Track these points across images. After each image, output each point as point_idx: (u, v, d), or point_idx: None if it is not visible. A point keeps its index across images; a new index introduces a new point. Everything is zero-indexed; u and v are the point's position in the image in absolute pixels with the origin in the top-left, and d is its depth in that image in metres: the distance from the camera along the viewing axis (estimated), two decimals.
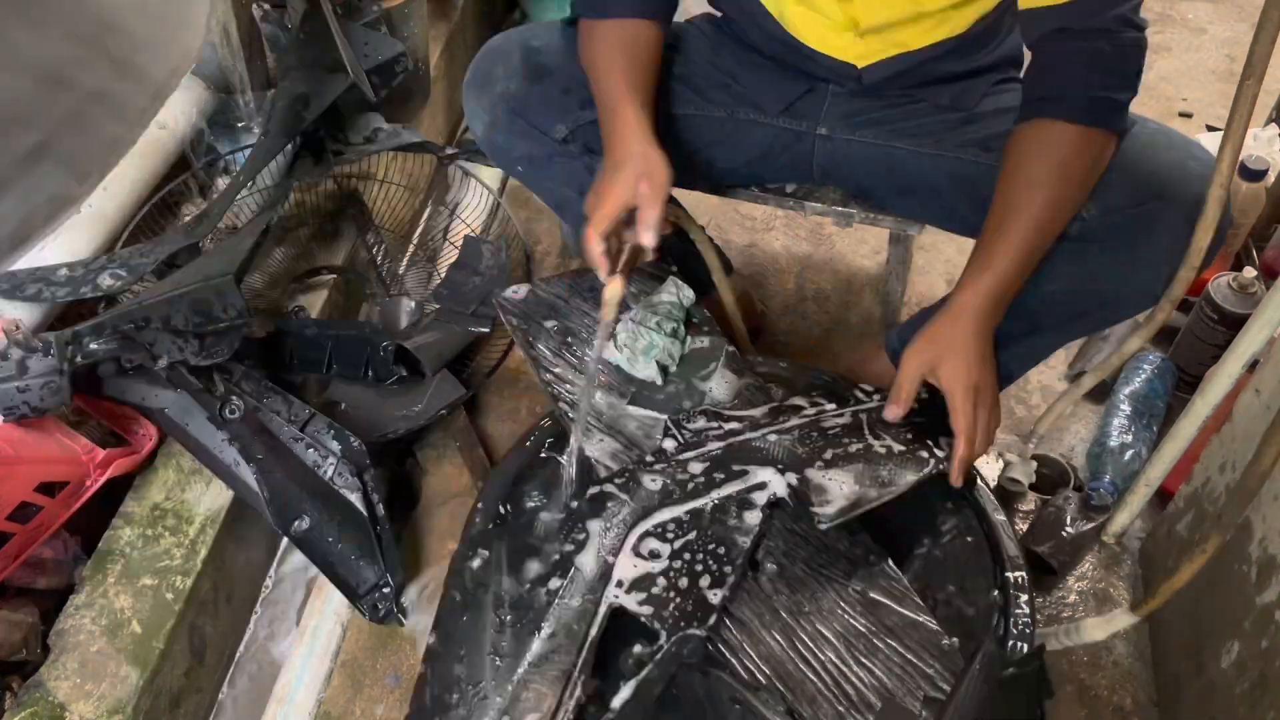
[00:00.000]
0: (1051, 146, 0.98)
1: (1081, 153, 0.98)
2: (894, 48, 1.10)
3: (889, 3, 1.06)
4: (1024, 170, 0.99)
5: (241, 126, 1.54)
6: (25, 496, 1.01)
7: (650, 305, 1.14)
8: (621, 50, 1.12)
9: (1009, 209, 0.99)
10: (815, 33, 1.12)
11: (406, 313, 1.50)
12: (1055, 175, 0.98)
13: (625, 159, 1.03)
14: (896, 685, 0.84)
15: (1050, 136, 0.98)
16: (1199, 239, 0.94)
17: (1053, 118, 0.97)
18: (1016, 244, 0.98)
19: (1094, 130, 0.97)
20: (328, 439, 1.20)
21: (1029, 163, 0.99)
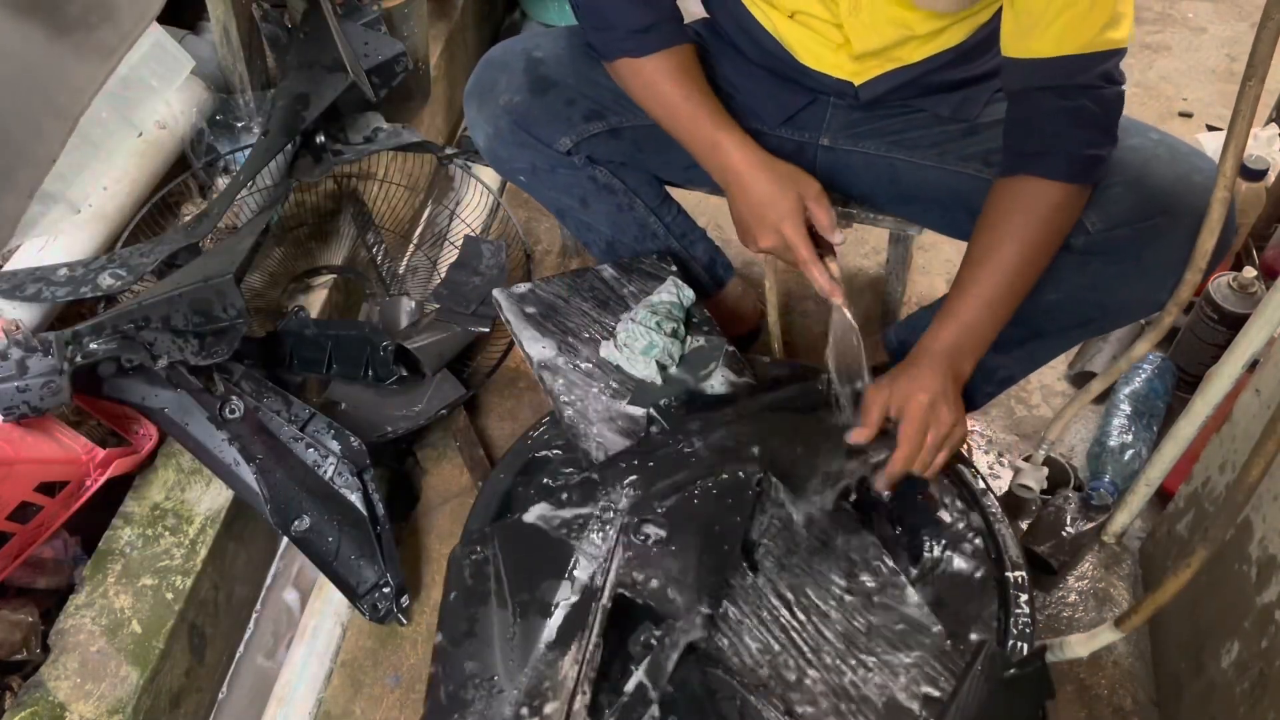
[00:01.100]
0: (1031, 202, 0.98)
1: (1061, 208, 0.98)
2: (890, 63, 1.10)
3: (880, 30, 1.06)
4: (1003, 224, 0.99)
5: (241, 126, 1.54)
6: (25, 496, 1.01)
7: (650, 305, 1.14)
8: (687, 78, 1.12)
9: (984, 260, 0.99)
10: (811, 51, 1.12)
11: (406, 313, 1.50)
12: (1033, 230, 0.98)
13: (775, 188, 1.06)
14: (896, 685, 0.84)
15: (1031, 192, 0.98)
16: (1203, 242, 0.94)
17: (1035, 175, 0.97)
18: (987, 296, 0.99)
19: (1074, 186, 0.98)
20: (328, 439, 1.20)
21: (1008, 217, 0.99)
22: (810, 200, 1.05)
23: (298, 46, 1.49)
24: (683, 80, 1.11)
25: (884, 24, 1.04)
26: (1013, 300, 1.01)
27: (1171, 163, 1.01)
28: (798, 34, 1.10)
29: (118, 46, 1.07)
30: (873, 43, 1.07)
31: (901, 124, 1.17)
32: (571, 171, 1.23)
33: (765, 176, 1.07)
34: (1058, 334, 1.15)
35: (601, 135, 1.21)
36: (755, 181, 1.07)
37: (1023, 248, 0.98)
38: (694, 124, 1.11)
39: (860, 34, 1.06)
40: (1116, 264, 1.03)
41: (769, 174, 1.07)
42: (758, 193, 1.07)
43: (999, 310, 1.00)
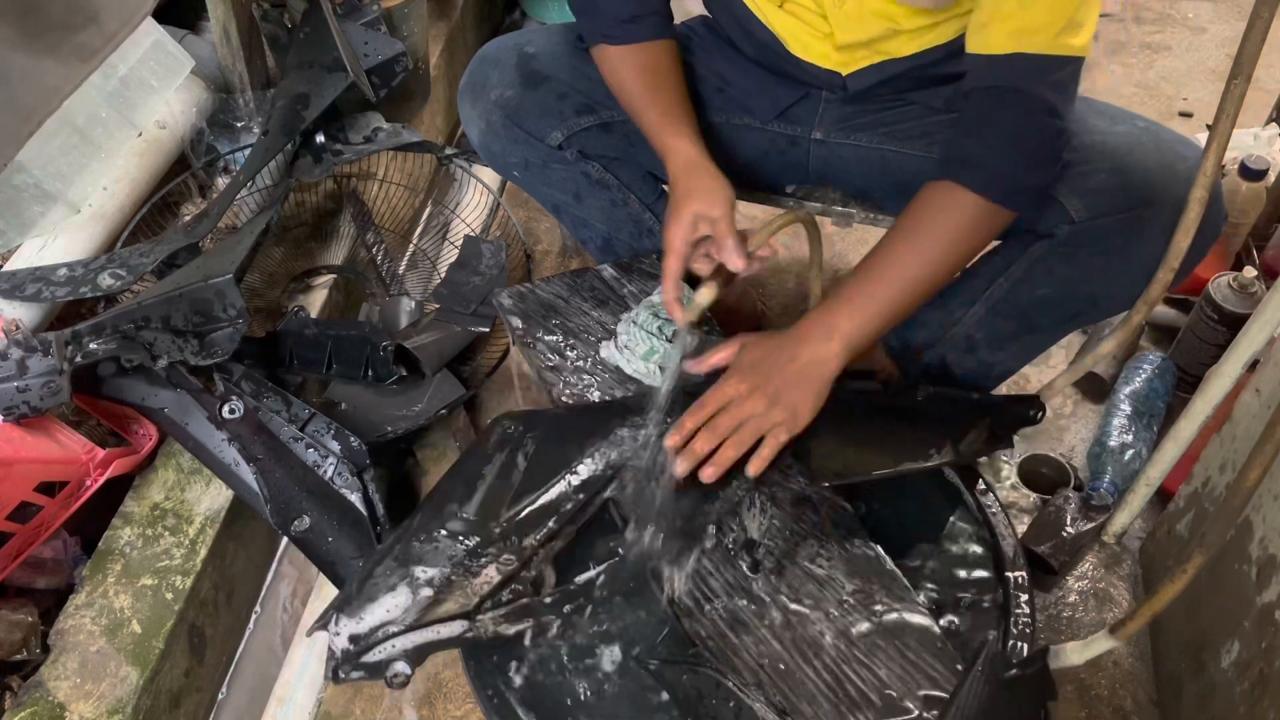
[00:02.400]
0: (953, 213, 0.96)
1: (979, 226, 0.97)
2: (878, 56, 1.10)
3: (864, 23, 1.05)
4: (920, 229, 0.97)
5: (241, 126, 1.54)
6: (25, 496, 1.01)
7: (651, 306, 1.14)
8: (644, 79, 1.12)
9: (891, 259, 0.97)
10: (799, 40, 1.12)
11: (406, 313, 1.50)
12: (946, 243, 0.96)
13: (680, 198, 1.04)
14: (896, 685, 0.84)
15: (954, 201, 0.96)
16: (1178, 242, 0.92)
17: (962, 184, 0.95)
18: (885, 296, 0.96)
19: (996, 207, 0.96)
20: (328, 439, 1.20)
21: (927, 223, 0.97)
22: (711, 218, 1.01)
23: (298, 46, 1.48)
24: (650, 76, 1.12)
25: (869, 17, 1.04)
26: (906, 307, 0.98)
27: (1155, 150, 1.01)
28: (787, 24, 1.11)
29: (101, 49, 1.07)
30: (856, 34, 1.07)
31: (894, 116, 1.17)
32: (564, 166, 1.23)
33: (682, 182, 1.05)
34: (1051, 327, 1.16)
35: (593, 129, 1.22)
36: (674, 185, 1.06)
37: (931, 259, 0.96)
38: (649, 123, 1.11)
39: (844, 25, 1.06)
40: (1103, 255, 1.03)
41: (686, 180, 1.05)
42: (672, 196, 1.06)
43: (892, 313, 0.97)
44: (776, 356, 0.95)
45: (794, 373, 0.94)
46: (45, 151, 1.27)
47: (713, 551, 0.93)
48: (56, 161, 1.28)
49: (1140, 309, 1.01)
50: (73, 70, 1.04)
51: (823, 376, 0.95)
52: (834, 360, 0.95)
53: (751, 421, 0.92)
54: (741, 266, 0.99)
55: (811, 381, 0.94)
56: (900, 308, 0.97)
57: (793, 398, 0.93)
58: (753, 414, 0.92)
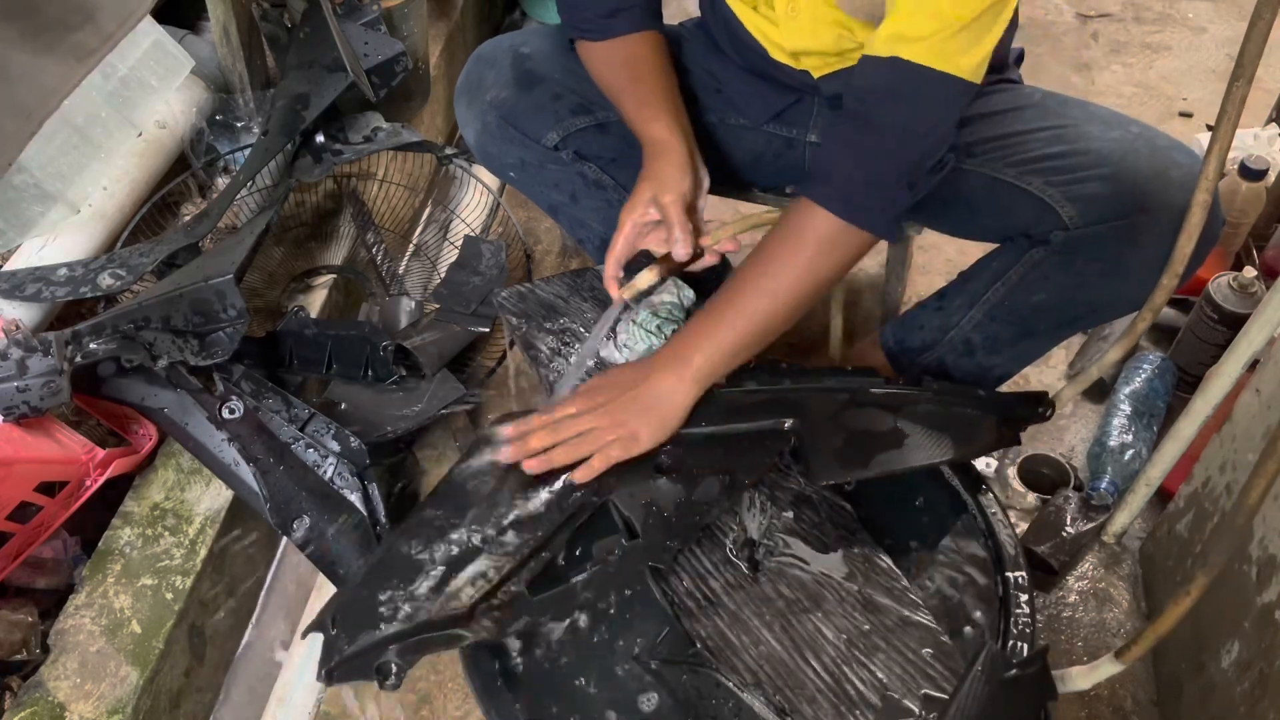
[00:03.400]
0: (807, 234, 0.95)
1: (832, 246, 0.96)
2: (846, 61, 1.09)
3: (817, 33, 1.05)
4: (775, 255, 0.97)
5: (241, 126, 1.54)
6: (25, 496, 1.01)
7: (651, 305, 1.14)
8: (624, 71, 1.12)
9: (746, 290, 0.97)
10: (773, 44, 1.12)
11: (406, 313, 1.50)
12: (801, 269, 0.95)
13: (640, 180, 1.04)
14: (896, 685, 0.84)
15: (810, 221, 0.95)
16: (1182, 246, 0.92)
17: (820, 203, 0.95)
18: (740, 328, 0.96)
19: (852, 228, 0.95)
20: (328, 439, 1.20)
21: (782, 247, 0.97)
22: (663, 203, 1.02)
23: (298, 46, 1.48)
24: (625, 69, 1.12)
25: (822, 26, 1.04)
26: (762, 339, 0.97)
27: (1150, 157, 0.99)
28: (762, 27, 1.11)
29: (98, 48, 1.07)
30: (807, 43, 1.07)
31: None
32: (560, 167, 1.23)
33: (647, 164, 1.06)
34: (1048, 332, 1.16)
35: (589, 130, 1.22)
36: (639, 177, 1.06)
37: (788, 286, 0.96)
38: (628, 112, 1.12)
39: (795, 34, 1.06)
40: (1099, 262, 1.02)
41: (651, 163, 1.06)
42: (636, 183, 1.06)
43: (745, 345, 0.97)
44: (623, 382, 0.96)
45: (636, 400, 0.94)
46: (45, 151, 1.27)
47: (713, 551, 0.93)
48: (56, 161, 1.28)
49: (1145, 315, 1.01)
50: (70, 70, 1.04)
51: (670, 407, 0.95)
52: (682, 393, 0.95)
53: (590, 435, 0.92)
54: (684, 255, 1.01)
55: (654, 411, 0.94)
56: (755, 338, 0.97)
57: (633, 423, 0.93)
58: (592, 428, 0.93)
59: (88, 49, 1.05)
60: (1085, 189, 1.00)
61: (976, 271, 1.15)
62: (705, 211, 1.10)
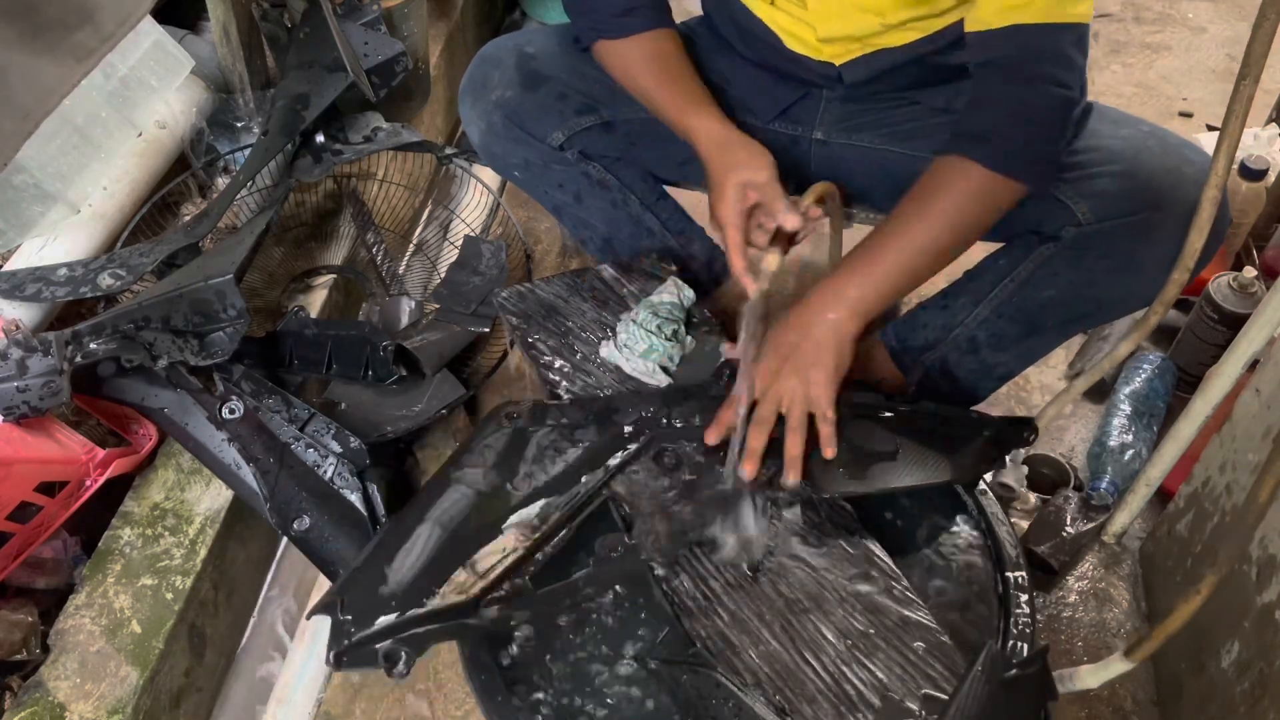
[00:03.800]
0: (960, 185, 0.96)
1: (986, 197, 0.96)
2: (870, 47, 1.10)
3: (847, 17, 1.05)
4: (927, 201, 0.98)
5: (241, 126, 1.54)
6: (25, 496, 1.01)
7: (651, 306, 1.14)
8: (658, 64, 1.12)
9: (898, 229, 0.98)
10: (793, 34, 1.12)
11: (406, 313, 1.50)
12: (954, 213, 0.96)
13: (721, 171, 1.04)
14: (896, 685, 0.84)
15: (961, 174, 0.96)
16: (1193, 241, 0.93)
17: (969, 157, 0.96)
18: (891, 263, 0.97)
19: (1004, 179, 0.95)
20: (328, 439, 1.20)
21: (935, 195, 0.97)
22: (757, 183, 1.02)
23: (298, 46, 1.48)
24: (659, 64, 1.12)
25: (852, 11, 1.04)
26: (914, 278, 0.98)
27: (1162, 155, 1.01)
28: (778, 18, 1.11)
29: (97, 48, 1.07)
30: (837, 29, 1.07)
31: (895, 116, 1.17)
32: (565, 167, 1.23)
33: (716, 157, 1.06)
34: (1055, 329, 1.16)
35: (594, 129, 1.22)
36: (708, 161, 1.06)
37: (939, 228, 0.96)
38: (666, 112, 1.11)
39: (825, 19, 1.06)
40: (1109, 259, 1.03)
41: (720, 154, 1.06)
42: (708, 175, 1.07)
43: (898, 282, 0.98)
44: (790, 335, 0.97)
45: (812, 345, 0.96)
46: (45, 151, 1.27)
47: (713, 552, 0.93)
48: (56, 161, 1.28)
49: (1157, 309, 1.02)
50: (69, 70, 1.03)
51: (841, 340, 0.97)
52: (847, 323, 0.97)
53: (796, 403, 0.94)
54: (798, 224, 1.01)
55: (830, 348, 0.96)
56: (906, 277, 0.98)
57: (818, 371, 0.95)
58: (792, 394, 0.94)
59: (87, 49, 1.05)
60: (1097, 185, 1.00)
61: (982, 269, 1.15)
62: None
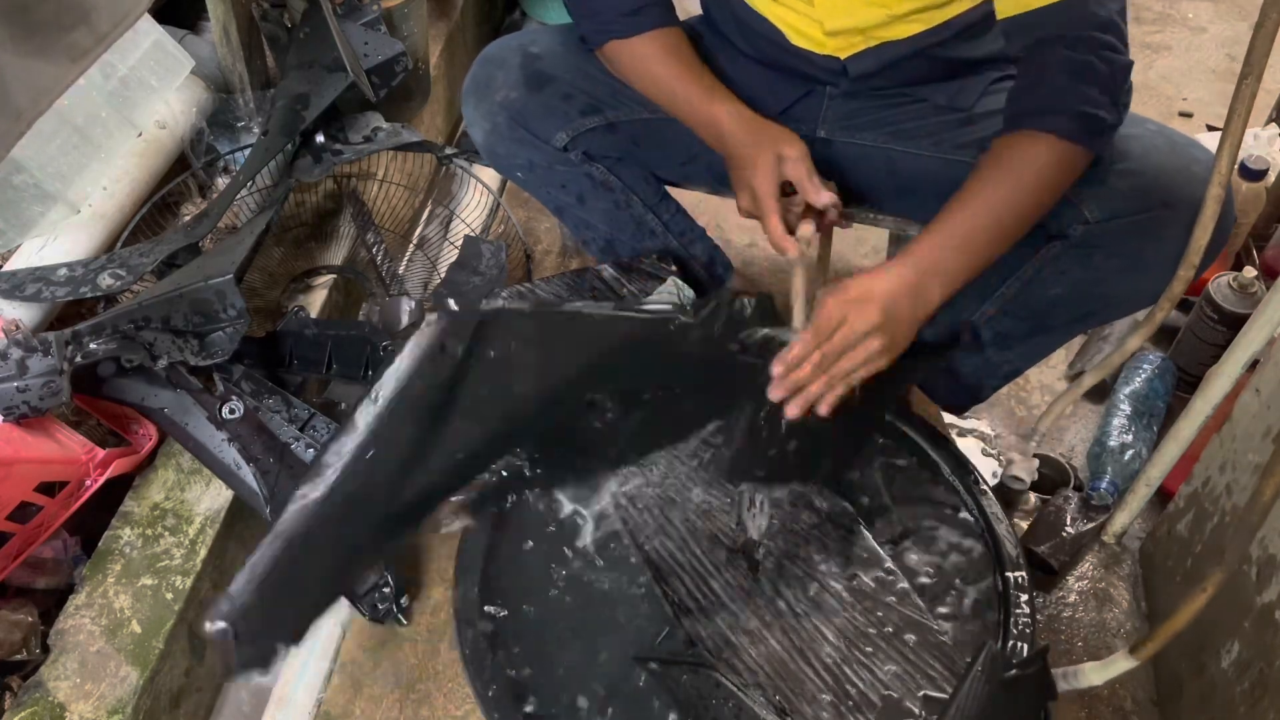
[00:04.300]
0: (1027, 155, 0.95)
1: (1057, 166, 0.95)
2: (875, 40, 1.10)
3: (852, 10, 1.05)
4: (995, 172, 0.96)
5: (241, 126, 1.54)
6: (25, 496, 1.01)
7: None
8: (675, 59, 1.13)
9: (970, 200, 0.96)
10: (796, 29, 1.12)
11: (406, 313, 1.50)
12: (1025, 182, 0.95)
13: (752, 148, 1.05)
14: (896, 685, 0.84)
15: (1028, 146, 0.95)
16: (1197, 238, 0.94)
17: (1037, 129, 0.94)
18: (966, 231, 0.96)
19: (1076, 147, 0.95)
20: (328, 439, 1.20)
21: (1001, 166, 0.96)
22: (790, 159, 1.04)
23: (298, 46, 1.48)
24: (672, 59, 1.12)
25: (859, 5, 1.04)
26: (992, 246, 0.96)
27: (1170, 153, 1.01)
28: (782, 14, 1.11)
29: (93, 49, 1.06)
30: (844, 21, 1.07)
31: (898, 114, 1.17)
32: (569, 168, 1.23)
33: (745, 136, 1.07)
34: (1062, 327, 1.16)
35: (598, 130, 1.21)
36: (738, 141, 1.07)
37: (1011, 196, 0.95)
38: (688, 103, 1.12)
39: (832, 12, 1.07)
40: (1118, 257, 1.03)
41: (750, 133, 1.07)
42: (738, 153, 1.07)
43: (978, 249, 0.96)
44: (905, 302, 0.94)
45: (914, 321, 0.94)
46: (45, 151, 1.27)
47: (713, 551, 0.93)
48: (56, 161, 1.28)
49: (1163, 305, 1.03)
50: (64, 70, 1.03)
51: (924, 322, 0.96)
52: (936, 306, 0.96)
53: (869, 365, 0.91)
54: (828, 200, 1.02)
55: (919, 325, 0.95)
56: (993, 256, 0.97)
57: (902, 343, 0.94)
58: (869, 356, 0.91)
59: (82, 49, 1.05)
60: (1106, 184, 1.00)
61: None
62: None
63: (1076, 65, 0.93)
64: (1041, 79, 0.95)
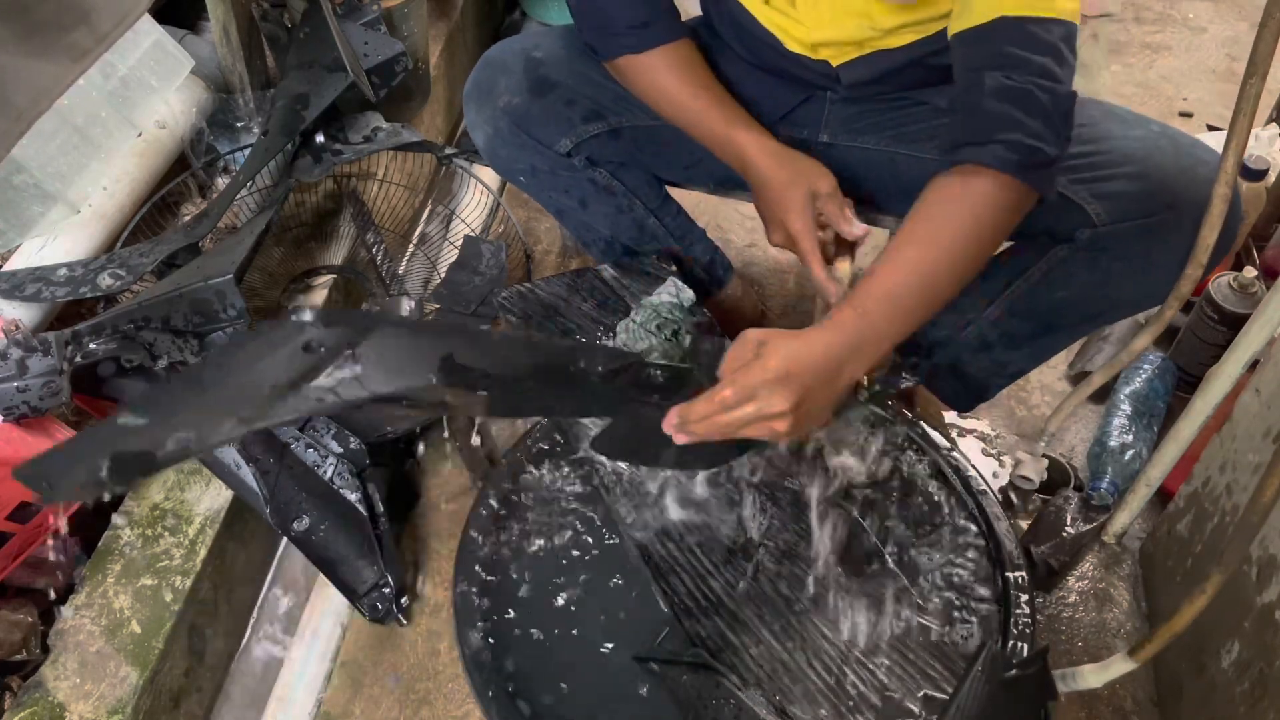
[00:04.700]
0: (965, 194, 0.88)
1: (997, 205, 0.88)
2: (867, 48, 1.10)
3: (839, 22, 1.04)
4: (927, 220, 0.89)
5: (241, 126, 1.54)
6: (25, 496, 1.01)
7: (651, 306, 1.14)
8: (689, 76, 1.12)
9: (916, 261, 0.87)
10: (790, 35, 1.12)
11: (406, 313, 1.50)
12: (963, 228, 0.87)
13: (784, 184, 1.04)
14: (896, 685, 0.84)
15: (966, 183, 0.88)
16: (1204, 237, 0.93)
17: (973, 163, 0.87)
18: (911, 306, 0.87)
19: (1017, 184, 0.87)
20: (328, 439, 1.20)
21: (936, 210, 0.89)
22: (823, 195, 1.03)
23: (298, 46, 1.48)
24: (687, 75, 1.11)
25: (844, 16, 1.04)
26: (925, 308, 0.88)
27: (1175, 155, 1.00)
28: (776, 18, 1.11)
29: (93, 49, 1.06)
30: (829, 34, 1.07)
31: (900, 118, 1.17)
32: (571, 173, 1.23)
33: (777, 171, 1.06)
34: (1069, 328, 1.16)
35: (601, 136, 1.21)
36: (769, 176, 1.06)
37: (948, 248, 0.87)
38: (705, 120, 1.11)
39: (818, 24, 1.06)
40: (1125, 259, 1.03)
41: (781, 168, 1.06)
42: (770, 188, 1.06)
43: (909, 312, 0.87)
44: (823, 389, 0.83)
45: (829, 405, 0.85)
46: (45, 151, 1.27)
47: (712, 551, 0.93)
48: (56, 161, 1.28)
49: (1171, 304, 1.03)
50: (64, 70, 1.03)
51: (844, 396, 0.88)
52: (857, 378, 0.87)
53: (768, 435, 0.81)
54: (860, 233, 1.02)
55: (833, 406, 0.87)
56: (928, 312, 0.89)
57: (808, 428, 0.85)
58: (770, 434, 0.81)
59: (82, 49, 1.05)
60: (1112, 186, 1.00)
61: (993, 269, 1.15)
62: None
63: (1015, 92, 0.87)
64: (978, 106, 0.89)
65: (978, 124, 0.89)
